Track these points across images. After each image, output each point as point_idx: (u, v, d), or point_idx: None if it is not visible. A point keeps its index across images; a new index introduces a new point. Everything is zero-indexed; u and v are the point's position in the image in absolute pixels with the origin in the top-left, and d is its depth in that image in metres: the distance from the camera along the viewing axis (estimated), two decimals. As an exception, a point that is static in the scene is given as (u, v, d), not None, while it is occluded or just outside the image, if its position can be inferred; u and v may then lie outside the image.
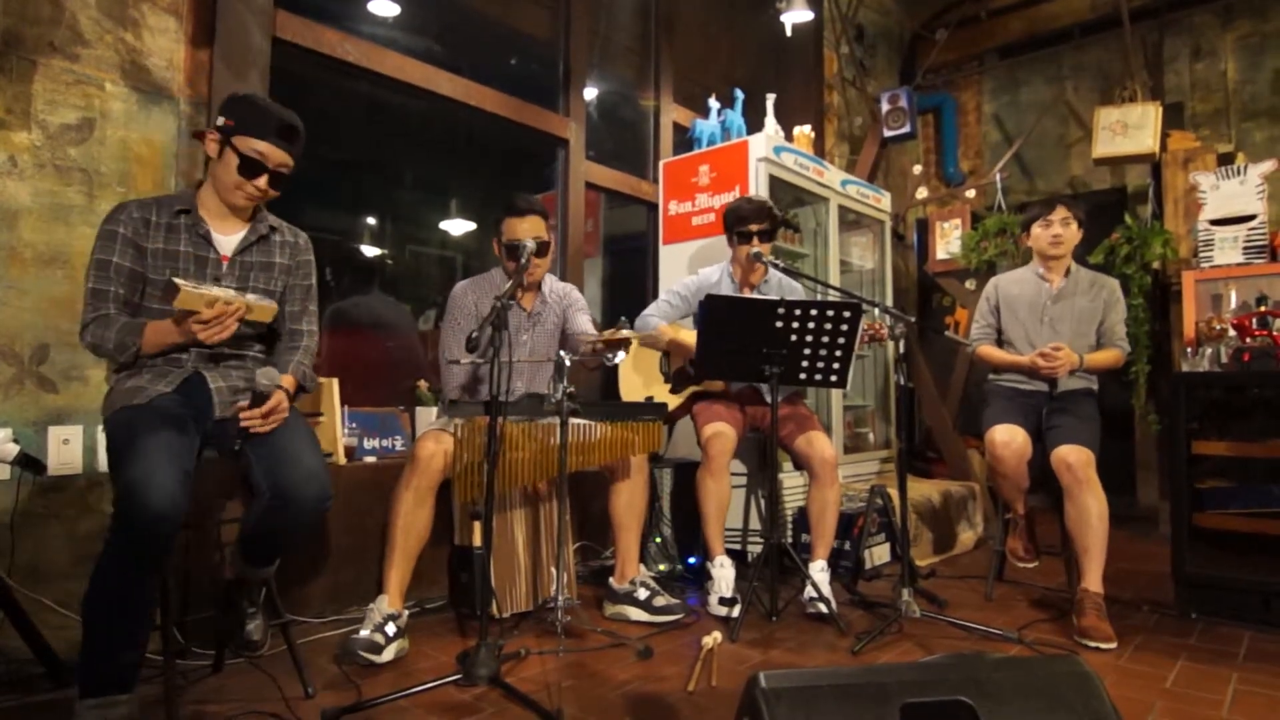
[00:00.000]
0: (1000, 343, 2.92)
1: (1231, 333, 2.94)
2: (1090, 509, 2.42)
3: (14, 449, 1.87)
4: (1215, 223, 3.81)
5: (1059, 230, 2.77)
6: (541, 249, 2.47)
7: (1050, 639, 2.32)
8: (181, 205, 1.87)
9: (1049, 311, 2.79)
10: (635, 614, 2.49)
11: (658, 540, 3.09)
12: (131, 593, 1.53)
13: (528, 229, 2.48)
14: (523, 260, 2.29)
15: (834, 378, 2.47)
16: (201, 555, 2.19)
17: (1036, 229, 2.82)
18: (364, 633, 2.08)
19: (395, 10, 3.16)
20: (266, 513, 1.74)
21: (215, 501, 2.12)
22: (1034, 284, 2.86)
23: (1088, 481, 2.43)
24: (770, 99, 3.85)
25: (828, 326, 2.38)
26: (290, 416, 1.85)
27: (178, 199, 1.89)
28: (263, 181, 1.86)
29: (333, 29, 2.79)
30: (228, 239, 1.91)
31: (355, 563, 2.52)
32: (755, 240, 2.78)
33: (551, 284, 2.70)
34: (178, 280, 1.66)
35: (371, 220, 3.33)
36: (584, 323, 2.66)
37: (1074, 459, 2.45)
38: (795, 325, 2.38)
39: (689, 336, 2.75)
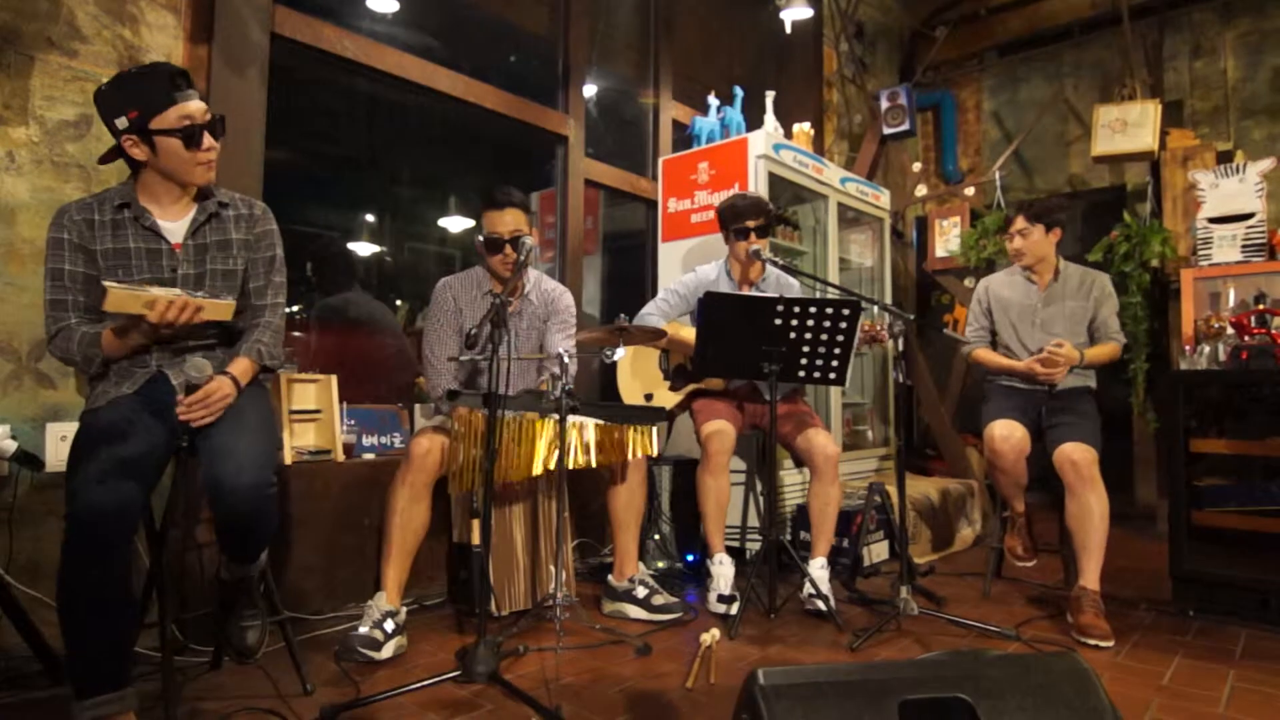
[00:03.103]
0: (994, 344, 2.93)
1: (1230, 331, 2.94)
2: (1093, 508, 2.42)
3: (12, 445, 1.87)
4: (1214, 221, 3.81)
5: (1018, 245, 2.79)
6: (513, 244, 2.40)
7: (1048, 636, 2.33)
8: (121, 199, 1.75)
9: (1040, 314, 2.79)
10: (634, 612, 2.49)
11: (656, 538, 3.09)
12: (95, 593, 1.48)
13: (509, 222, 2.42)
14: (523, 258, 2.28)
15: (833, 375, 2.47)
16: (199, 553, 2.19)
17: (1006, 241, 2.86)
18: (363, 629, 2.08)
19: (394, 6, 3.15)
20: (213, 507, 1.67)
21: (204, 499, 2.11)
22: (1023, 286, 2.86)
23: (1091, 480, 2.43)
24: (770, 96, 3.85)
25: (827, 324, 2.38)
26: (241, 401, 1.73)
27: (115, 193, 1.77)
28: (208, 140, 1.74)
29: (332, 25, 2.78)
30: (176, 225, 1.80)
31: (353, 560, 2.52)
32: (752, 236, 2.77)
33: (540, 283, 2.63)
34: (106, 282, 1.58)
35: (370, 217, 3.32)
36: (556, 341, 2.56)
37: (1078, 457, 2.45)
38: (794, 323, 2.38)
39: (689, 333, 2.75)
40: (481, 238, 2.47)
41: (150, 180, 1.78)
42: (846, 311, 2.36)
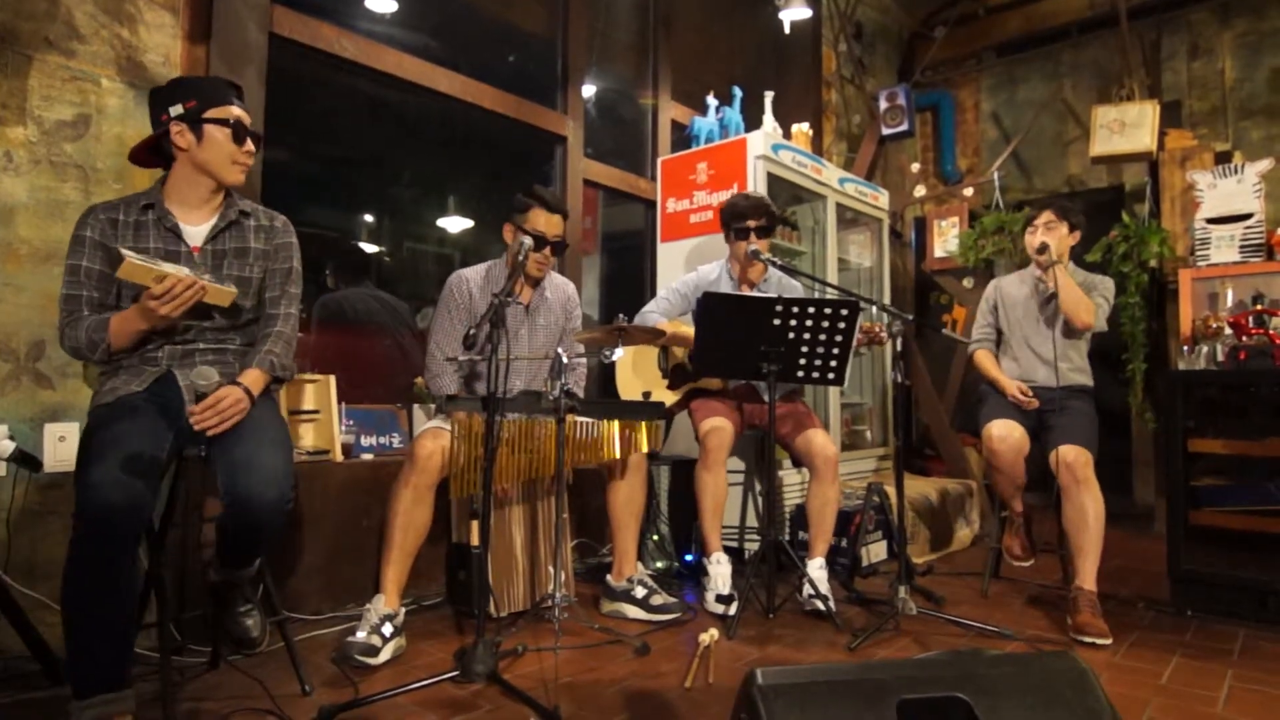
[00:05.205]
0: (999, 343, 2.95)
1: (1228, 331, 2.95)
2: (1087, 509, 2.43)
3: (10, 446, 1.87)
4: (1212, 221, 3.82)
5: (1043, 237, 2.77)
6: (556, 248, 2.52)
7: (1047, 635, 2.33)
8: (147, 200, 1.81)
9: (1044, 311, 2.82)
10: (632, 612, 2.49)
11: (655, 538, 3.09)
12: (103, 590, 1.48)
13: (557, 225, 2.51)
14: (521, 257, 2.28)
15: (832, 375, 2.47)
16: (197, 553, 2.18)
17: (1027, 235, 2.85)
18: (360, 635, 2.06)
19: (393, 6, 3.14)
20: (227, 518, 1.69)
21: (204, 500, 2.11)
22: (1032, 284, 2.88)
23: (1085, 481, 2.44)
24: (768, 96, 3.85)
25: (825, 324, 2.38)
26: (256, 412, 1.75)
27: (143, 195, 1.83)
28: (250, 144, 1.84)
29: (330, 25, 2.78)
30: (197, 229, 1.85)
31: (353, 560, 2.52)
32: (752, 236, 2.77)
33: (553, 278, 2.67)
34: (123, 249, 1.63)
35: (369, 217, 3.32)
36: (568, 345, 2.64)
37: (1072, 458, 2.46)
38: (793, 323, 2.38)
39: (688, 329, 2.75)
40: (525, 235, 2.44)
41: (182, 176, 1.83)
42: (845, 312, 2.36)
